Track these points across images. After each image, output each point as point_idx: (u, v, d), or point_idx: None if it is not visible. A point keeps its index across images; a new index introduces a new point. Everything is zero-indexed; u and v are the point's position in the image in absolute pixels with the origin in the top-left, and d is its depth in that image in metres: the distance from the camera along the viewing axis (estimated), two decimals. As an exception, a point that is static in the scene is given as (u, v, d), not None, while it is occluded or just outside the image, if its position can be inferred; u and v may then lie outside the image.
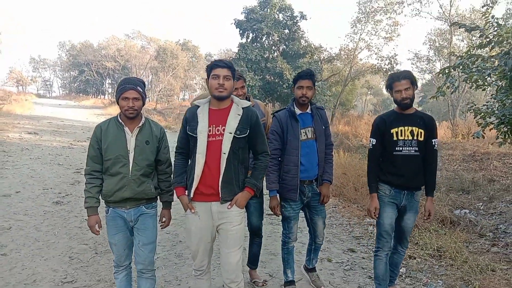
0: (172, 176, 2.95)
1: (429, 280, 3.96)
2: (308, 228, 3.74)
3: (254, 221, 3.64)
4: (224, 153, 2.65)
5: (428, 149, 3.25)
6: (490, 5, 7.58)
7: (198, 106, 2.82)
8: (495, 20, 5.91)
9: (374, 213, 3.30)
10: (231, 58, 27.19)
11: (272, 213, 3.45)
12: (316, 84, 3.48)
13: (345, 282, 3.97)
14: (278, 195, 3.47)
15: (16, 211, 5.63)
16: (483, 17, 6.05)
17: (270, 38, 26.78)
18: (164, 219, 3.04)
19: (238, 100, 2.82)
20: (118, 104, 2.81)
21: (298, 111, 3.44)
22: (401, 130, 3.22)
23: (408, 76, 3.21)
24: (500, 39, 5.78)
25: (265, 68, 25.91)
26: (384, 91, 56.99)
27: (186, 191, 2.80)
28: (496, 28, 5.90)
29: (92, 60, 48.59)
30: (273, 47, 27.31)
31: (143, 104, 2.84)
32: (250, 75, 24.18)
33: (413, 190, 3.27)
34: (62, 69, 65.37)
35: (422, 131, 3.21)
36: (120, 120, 2.82)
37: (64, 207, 6.03)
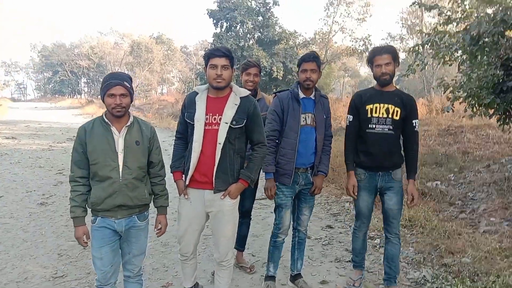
0: (171, 162, 2.90)
1: (401, 248, 4.22)
2: (292, 215, 3.49)
3: (247, 204, 3.73)
4: (220, 143, 2.65)
5: (408, 130, 3.17)
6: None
7: (197, 93, 2.80)
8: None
9: (353, 191, 3.25)
10: (206, 49, 27.16)
11: (266, 197, 3.31)
12: (292, 69, 3.32)
13: (323, 256, 4.21)
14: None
15: (1, 215, 5.70)
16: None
17: (245, 26, 26.77)
18: (160, 226, 2.82)
19: (237, 89, 2.80)
20: (103, 102, 2.55)
21: (301, 95, 3.27)
22: (376, 107, 3.13)
23: (390, 51, 3.10)
24: (465, 15, 6.01)
25: (241, 57, 25.90)
26: (361, 72, 57.93)
27: (183, 176, 2.83)
28: (460, 5, 6.14)
29: (66, 60, 47.90)
30: (248, 35, 27.32)
31: (131, 100, 2.60)
32: (227, 64, 24.16)
33: (389, 170, 3.17)
34: (35, 71, 64.15)
35: (399, 109, 3.09)
36: (106, 120, 2.56)
37: (49, 208, 6.11)
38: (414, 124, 3.15)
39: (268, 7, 27.03)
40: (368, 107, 3.14)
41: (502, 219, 4.68)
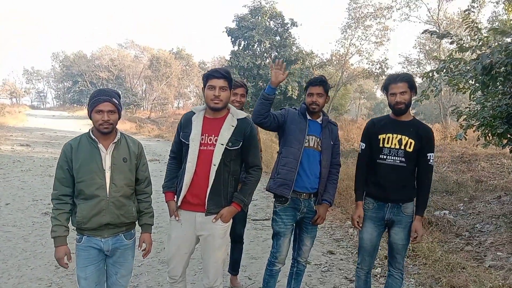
0: (163, 182, 2.88)
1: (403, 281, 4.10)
2: (292, 244, 3.36)
3: (238, 229, 3.63)
4: (214, 165, 2.62)
5: (421, 164, 3.00)
6: (472, 10, 7.81)
7: (194, 113, 2.79)
8: (475, 25, 6.09)
9: (358, 222, 3.10)
10: (223, 66, 27.49)
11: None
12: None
13: (321, 283, 4.11)
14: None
15: (5, 223, 5.75)
16: (463, 22, 6.23)
17: (262, 45, 27.08)
18: (144, 246, 2.75)
19: (235, 111, 2.78)
20: (90, 118, 2.52)
21: (308, 117, 3.20)
22: (389, 137, 2.99)
23: (406, 79, 2.96)
24: (480, 43, 5.96)
25: (257, 75, 26.19)
26: (378, 94, 57.73)
27: (175, 197, 2.78)
28: (476, 33, 6.09)
29: (86, 71, 48.80)
30: (265, 54, 27.61)
31: (119, 117, 2.56)
32: (243, 82, 24.40)
33: (398, 203, 3.01)
34: (56, 80, 65.46)
35: (413, 141, 2.94)
36: (93, 136, 2.52)
37: (52, 218, 6.14)
38: (428, 158, 2.98)
39: (286, 28, 27.31)
40: (381, 136, 3.02)
41: (509, 254, 4.52)
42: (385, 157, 2.99)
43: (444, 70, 6.29)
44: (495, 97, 6.19)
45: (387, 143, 2.99)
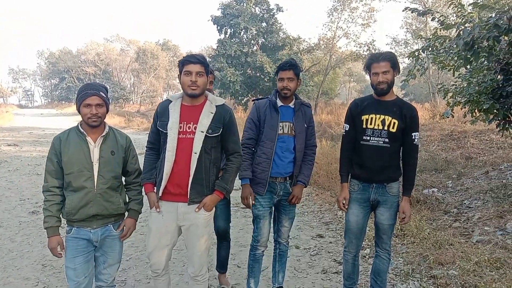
0: (141, 174, 2.83)
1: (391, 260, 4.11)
2: (272, 227, 3.40)
3: (221, 224, 3.48)
4: (195, 153, 2.59)
5: (406, 143, 2.96)
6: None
7: (171, 101, 2.74)
8: (458, 1, 6.04)
9: (344, 204, 3.09)
10: (210, 55, 27.25)
11: (245, 206, 3.20)
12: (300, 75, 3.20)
13: (310, 267, 4.11)
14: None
15: (-8, 224, 5.68)
16: (447, -1, 6.16)
17: (248, 33, 26.81)
18: (123, 228, 2.73)
19: (213, 97, 2.75)
20: (79, 113, 2.58)
21: (279, 103, 3.20)
22: (372, 118, 2.94)
23: (389, 58, 2.88)
24: (464, 20, 5.92)
25: (245, 63, 25.98)
26: (367, 77, 57.44)
27: (155, 188, 2.73)
28: (460, 9, 6.05)
29: (72, 67, 48.29)
30: (252, 41, 27.35)
31: (107, 110, 2.63)
32: (231, 70, 24.26)
33: (383, 183, 2.98)
34: (43, 77, 64.66)
35: (396, 121, 2.89)
36: (82, 130, 2.58)
37: (40, 216, 6.06)
38: (413, 137, 2.93)
39: (272, 13, 27.04)
40: (364, 117, 2.97)
41: (496, 228, 4.55)
42: (368, 138, 2.95)
43: (430, 49, 6.26)
44: (480, 73, 6.18)
45: (370, 124, 2.94)
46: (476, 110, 6.29)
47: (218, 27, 26.63)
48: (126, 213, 2.82)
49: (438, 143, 11.53)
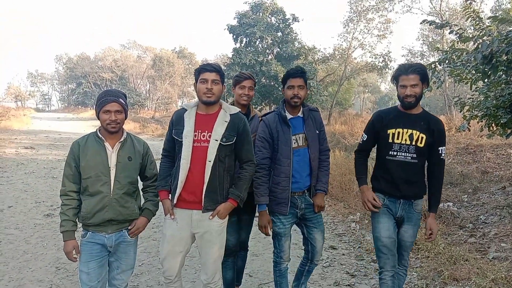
0: (157, 182, 2.86)
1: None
2: (304, 247, 3.27)
3: (243, 236, 3.45)
4: (210, 161, 2.61)
5: (433, 158, 2.86)
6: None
7: (186, 110, 2.77)
8: (476, 14, 6.00)
9: (373, 202, 2.89)
10: (226, 64, 27.42)
11: (257, 215, 3.11)
12: (311, 84, 3.02)
13: (322, 279, 4.07)
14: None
15: (7, 226, 5.76)
16: (465, 11, 6.13)
17: (264, 42, 26.91)
18: (134, 225, 2.72)
19: (227, 106, 2.78)
20: (98, 118, 2.63)
21: (289, 115, 3.08)
22: (399, 132, 2.81)
23: (418, 70, 2.75)
24: (482, 33, 5.87)
25: (260, 72, 26.05)
26: (382, 88, 57.38)
27: (170, 195, 2.76)
28: (478, 22, 6.00)
29: (89, 72, 49.01)
30: (267, 51, 27.44)
31: (126, 117, 2.68)
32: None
33: (410, 199, 2.87)
34: (60, 82, 65.78)
35: (424, 136, 2.78)
36: (100, 135, 2.63)
37: (54, 219, 6.15)
38: (440, 152, 2.82)
39: (287, 23, 27.15)
40: (390, 131, 2.84)
41: (513, 245, 4.46)
42: (395, 153, 2.83)
43: (447, 61, 6.22)
44: (498, 86, 6.11)
45: (397, 138, 2.82)
46: (493, 124, 6.22)
47: (234, 36, 26.82)
48: None
49: (453, 157, 11.38)
